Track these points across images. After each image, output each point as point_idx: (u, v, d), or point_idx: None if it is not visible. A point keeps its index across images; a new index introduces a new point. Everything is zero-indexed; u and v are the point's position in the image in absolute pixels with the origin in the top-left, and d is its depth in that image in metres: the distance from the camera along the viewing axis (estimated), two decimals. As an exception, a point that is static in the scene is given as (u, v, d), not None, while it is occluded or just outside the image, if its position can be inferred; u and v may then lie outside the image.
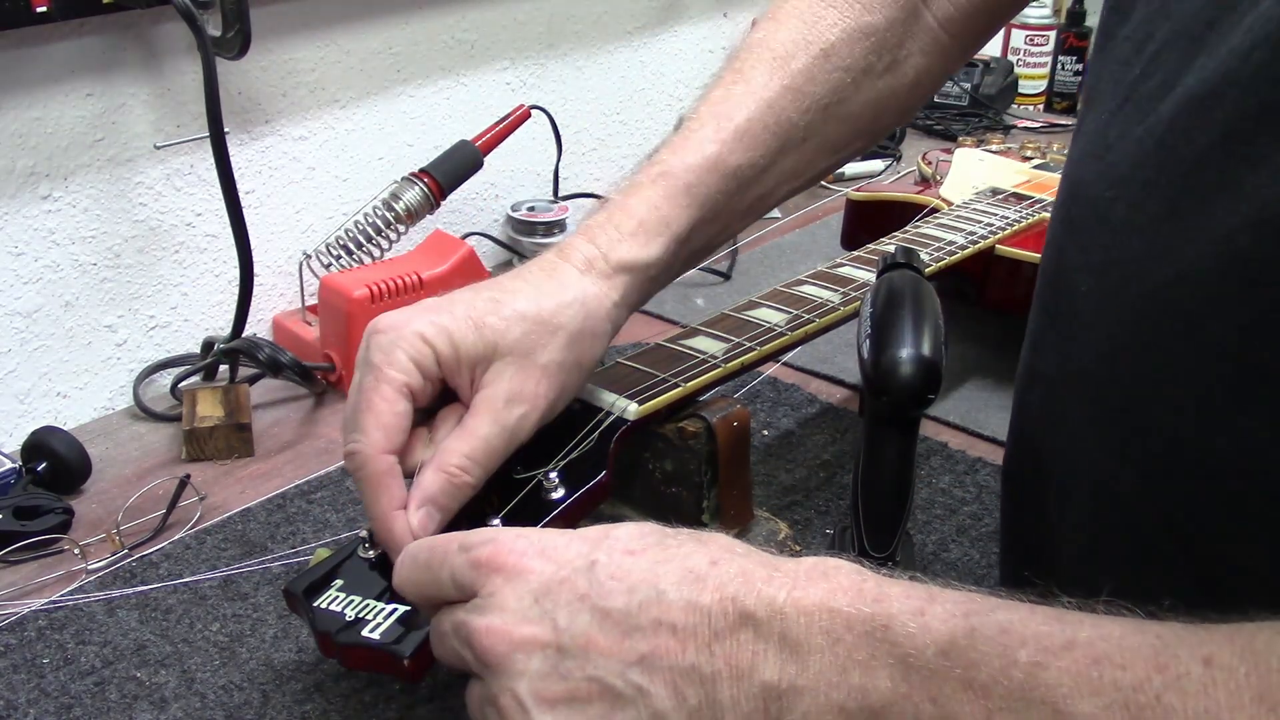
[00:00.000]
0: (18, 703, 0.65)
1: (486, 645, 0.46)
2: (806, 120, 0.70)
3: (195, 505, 0.83)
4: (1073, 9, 1.77)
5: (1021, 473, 0.65)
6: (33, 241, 0.93)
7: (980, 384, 1.01)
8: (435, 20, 1.18)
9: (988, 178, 1.16)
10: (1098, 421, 0.53)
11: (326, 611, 0.58)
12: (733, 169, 0.67)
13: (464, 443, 0.59)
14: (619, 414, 0.65)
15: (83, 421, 0.97)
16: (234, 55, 0.95)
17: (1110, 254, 0.52)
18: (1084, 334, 0.54)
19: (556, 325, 0.61)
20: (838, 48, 0.70)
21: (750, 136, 0.68)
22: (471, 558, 0.49)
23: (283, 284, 1.11)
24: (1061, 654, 0.38)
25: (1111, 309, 0.52)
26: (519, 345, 0.60)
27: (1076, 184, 0.57)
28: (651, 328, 1.09)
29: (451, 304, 0.61)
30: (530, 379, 0.60)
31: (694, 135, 0.68)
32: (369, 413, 0.58)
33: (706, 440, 0.68)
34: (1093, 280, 0.54)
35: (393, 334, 0.58)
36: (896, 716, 0.41)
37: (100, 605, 0.73)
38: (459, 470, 0.58)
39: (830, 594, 0.43)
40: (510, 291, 0.62)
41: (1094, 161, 0.55)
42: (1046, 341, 0.60)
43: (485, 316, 0.60)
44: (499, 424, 0.59)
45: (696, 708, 0.43)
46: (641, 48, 1.43)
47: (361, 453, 0.57)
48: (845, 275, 0.84)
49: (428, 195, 1.05)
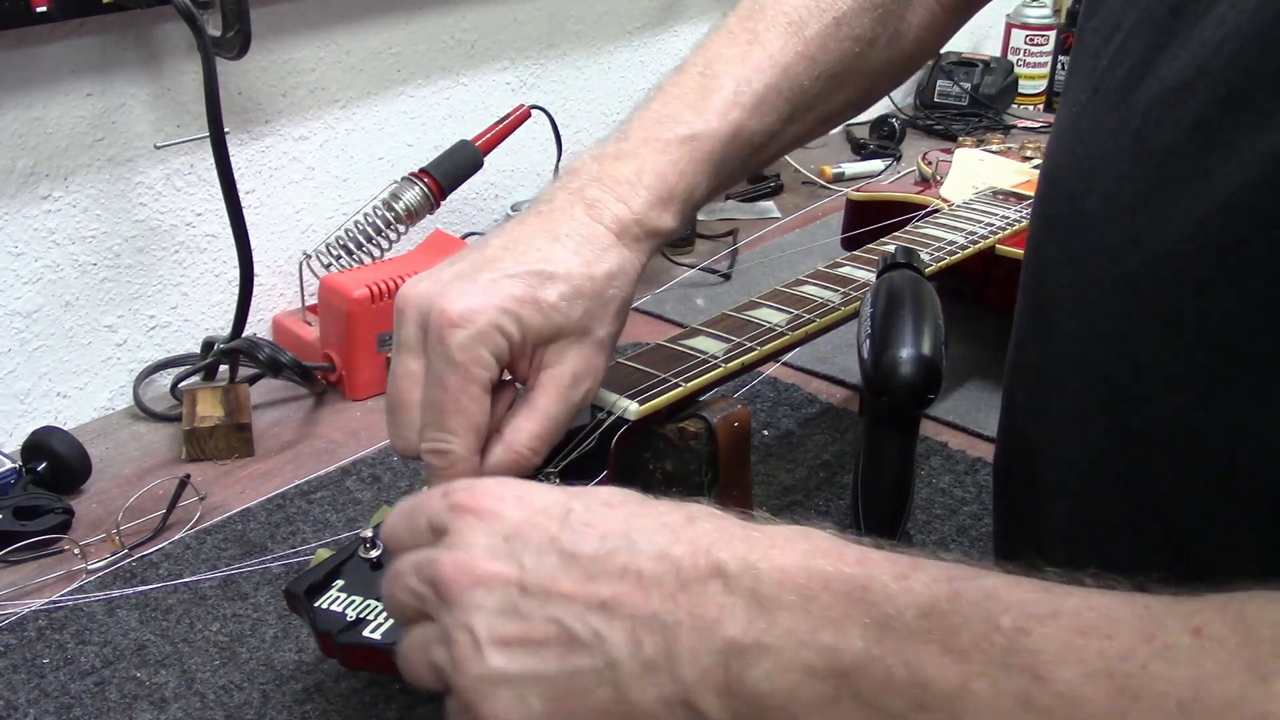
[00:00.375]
0: (18, 703, 0.65)
1: (448, 577, 0.45)
2: (817, 89, 0.69)
3: (195, 505, 0.83)
4: (1073, 9, 1.77)
5: (1011, 469, 0.65)
6: (33, 241, 0.93)
7: (980, 384, 1.01)
8: (435, 20, 1.18)
9: (988, 178, 1.16)
10: (1083, 410, 0.53)
11: (327, 612, 0.58)
12: (749, 136, 0.67)
13: (535, 423, 0.59)
14: (620, 414, 0.65)
15: (83, 421, 0.97)
16: (234, 55, 0.95)
17: (1087, 244, 0.52)
18: (1065, 324, 0.54)
19: (608, 299, 0.61)
20: (849, 16, 0.69)
21: (767, 103, 0.67)
22: (450, 501, 0.48)
23: (283, 284, 1.11)
24: (1046, 621, 0.37)
25: (1090, 298, 0.52)
26: (580, 324, 0.60)
27: (1052, 178, 0.57)
28: (652, 328, 1.09)
29: (508, 281, 0.58)
30: (592, 355, 0.60)
31: (715, 96, 0.66)
32: (460, 415, 0.57)
33: (707, 440, 0.68)
34: (1071, 271, 0.54)
35: (470, 328, 0.56)
36: (865, 679, 0.39)
37: (100, 605, 0.73)
38: (530, 451, 0.58)
39: (809, 554, 0.42)
40: (558, 262, 0.59)
41: (1067, 155, 0.55)
42: (1030, 334, 0.60)
43: (547, 296, 0.58)
44: (567, 402, 0.59)
45: (653, 659, 0.42)
46: (641, 48, 1.43)
47: (454, 453, 0.57)
48: (845, 275, 0.84)
49: (428, 195, 1.05)
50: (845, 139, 1.66)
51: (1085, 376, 0.53)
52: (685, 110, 0.66)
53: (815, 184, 1.49)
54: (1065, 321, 0.55)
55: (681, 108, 0.66)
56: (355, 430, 0.95)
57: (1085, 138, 0.54)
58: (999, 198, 1.09)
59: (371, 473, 0.87)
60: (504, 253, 0.60)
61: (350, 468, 0.88)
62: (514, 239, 0.61)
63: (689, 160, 0.64)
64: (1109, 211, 0.51)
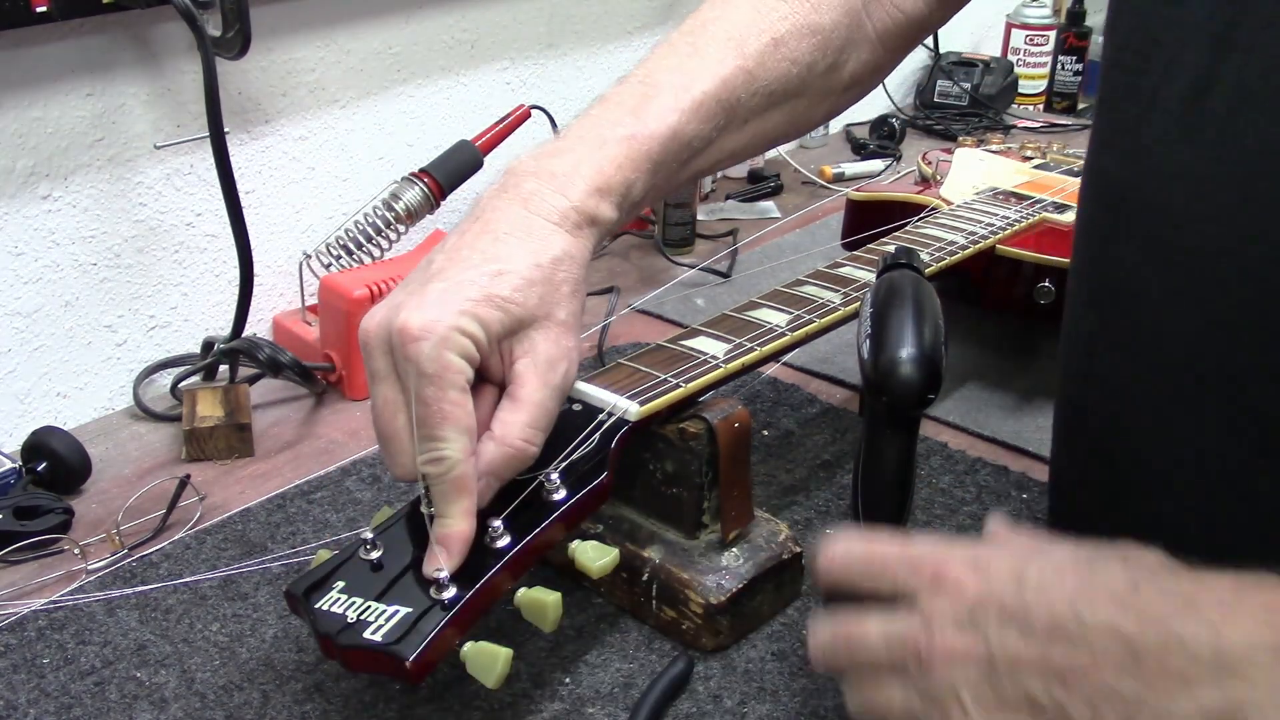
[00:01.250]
0: (18, 703, 0.65)
1: (929, 652, 0.48)
2: (753, 104, 0.72)
3: (195, 505, 0.83)
4: (1073, 9, 1.77)
5: (1086, 478, 0.67)
6: (33, 241, 0.93)
7: (980, 384, 1.01)
8: (435, 20, 1.18)
9: (988, 178, 1.16)
10: (1193, 407, 0.55)
11: (328, 613, 0.57)
12: (687, 140, 0.69)
13: (522, 413, 0.60)
14: (620, 415, 0.65)
15: (83, 421, 0.97)
16: (234, 55, 0.95)
17: (1177, 246, 0.55)
18: (1160, 326, 0.56)
19: (559, 281, 0.62)
20: (787, 40, 0.72)
21: (704, 110, 0.69)
22: (916, 567, 0.51)
23: (283, 284, 1.11)
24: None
25: (1196, 297, 0.54)
26: (539, 310, 0.61)
27: (1119, 188, 0.59)
28: (652, 328, 1.09)
29: (461, 287, 0.60)
30: (559, 336, 0.62)
31: (654, 101, 0.68)
32: (445, 421, 0.58)
33: (707, 441, 0.68)
34: (1162, 275, 0.56)
35: (432, 337, 0.58)
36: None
37: (100, 605, 0.73)
38: (524, 442, 0.60)
39: (1269, 609, 0.44)
40: (506, 260, 0.62)
41: (1134, 165, 0.57)
42: (1104, 342, 0.62)
43: (500, 291, 0.60)
44: (548, 386, 0.61)
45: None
46: (641, 48, 1.43)
47: (451, 457, 0.58)
48: (846, 275, 0.84)
49: (428, 195, 1.05)
50: (845, 139, 1.66)
51: (1196, 372, 0.55)
52: (624, 114, 0.68)
53: (815, 184, 1.49)
54: (1163, 323, 0.56)
55: (621, 113, 0.68)
56: (355, 430, 0.95)
57: (1154, 149, 0.56)
58: (999, 198, 1.09)
59: (371, 473, 0.87)
60: (449, 263, 0.62)
61: (350, 468, 0.88)
62: (456, 248, 0.63)
63: (626, 156, 0.66)
64: (1201, 213, 0.53)
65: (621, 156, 0.66)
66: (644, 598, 0.70)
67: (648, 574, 0.69)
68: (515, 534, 0.60)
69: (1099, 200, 0.62)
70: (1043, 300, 0.97)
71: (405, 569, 0.59)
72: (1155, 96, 0.56)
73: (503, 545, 0.59)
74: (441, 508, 0.59)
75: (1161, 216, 0.55)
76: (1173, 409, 0.57)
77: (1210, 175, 0.53)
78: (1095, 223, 0.62)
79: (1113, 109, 0.60)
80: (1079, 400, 0.66)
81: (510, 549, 0.59)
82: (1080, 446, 0.67)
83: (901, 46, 0.79)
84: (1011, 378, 1.02)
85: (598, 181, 0.65)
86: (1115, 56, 0.60)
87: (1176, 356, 0.56)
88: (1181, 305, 0.55)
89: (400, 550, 0.60)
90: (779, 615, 0.72)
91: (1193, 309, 0.55)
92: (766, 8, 0.73)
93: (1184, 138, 0.54)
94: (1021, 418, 0.95)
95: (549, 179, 0.65)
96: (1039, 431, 0.93)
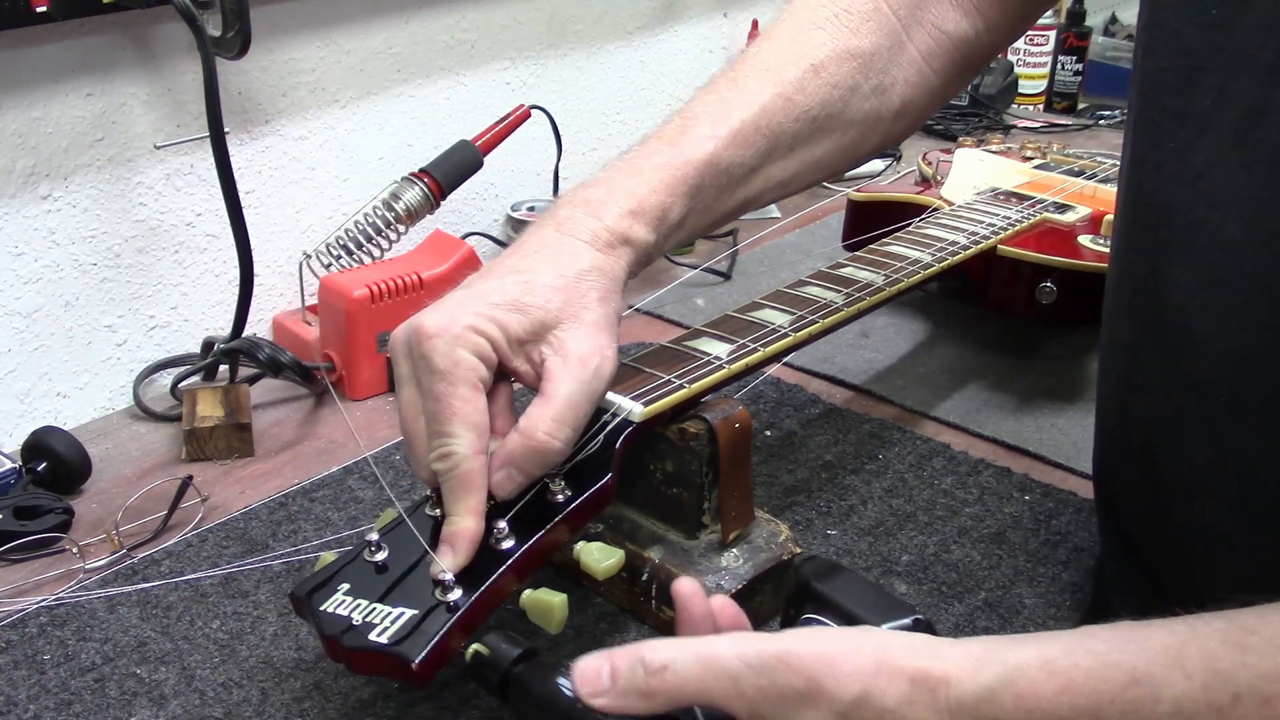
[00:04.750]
0: (18, 699, 0.65)
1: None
2: (795, 129, 0.72)
3: (197, 506, 0.83)
4: (1073, 9, 1.77)
5: (1129, 486, 0.67)
6: (33, 241, 0.93)
7: (981, 385, 1.01)
8: (435, 20, 1.17)
9: (988, 178, 1.16)
10: (1240, 415, 0.56)
11: (333, 615, 0.57)
12: (725, 167, 0.69)
13: (549, 407, 0.60)
14: (624, 416, 0.65)
15: (83, 421, 0.97)
16: (234, 55, 0.95)
17: (1227, 269, 0.56)
18: (1205, 343, 0.57)
19: (585, 289, 0.63)
20: (826, 64, 0.73)
21: (743, 137, 0.70)
22: None
23: (283, 284, 1.11)
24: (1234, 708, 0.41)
25: (1240, 318, 0.55)
26: (564, 312, 0.62)
27: (1165, 209, 0.59)
28: (653, 329, 1.09)
29: (483, 295, 0.61)
30: (592, 334, 0.62)
31: (691, 131, 0.69)
32: (454, 416, 0.59)
33: (708, 441, 0.68)
34: (1209, 295, 0.57)
35: (445, 335, 0.59)
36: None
37: (101, 602, 0.73)
38: (548, 435, 0.60)
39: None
40: (531, 270, 0.63)
41: (1183, 187, 0.58)
42: (1148, 353, 0.62)
43: (522, 298, 0.61)
44: (577, 380, 0.61)
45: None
46: (641, 48, 1.43)
47: (458, 453, 0.59)
48: (848, 276, 0.84)
49: (428, 195, 1.05)
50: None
51: (1240, 389, 0.56)
52: (661, 145, 0.69)
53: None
54: (1209, 340, 0.57)
55: (658, 144, 0.69)
56: (355, 430, 0.94)
57: (1206, 172, 0.57)
58: (1000, 198, 1.09)
59: (373, 472, 0.87)
60: (478, 279, 0.63)
61: (353, 467, 0.88)
62: (489, 267, 0.64)
63: (661, 181, 0.67)
64: (1255, 238, 0.54)
65: (656, 181, 0.67)
66: (644, 598, 0.70)
67: (648, 574, 0.69)
68: (520, 535, 0.59)
69: (1140, 218, 0.63)
70: (1044, 300, 0.97)
71: (410, 570, 0.59)
72: (1207, 122, 0.56)
73: (508, 547, 0.59)
74: (448, 505, 0.59)
75: (1211, 240, 0.56)
76: (1216, 420, 0.58)
77: (1265, 201, 0.54)
78: (1137, 238, 0.63)
79: (1156, 129, 0.60)
80: (1122, 406, 0.67)
81: (515, 550, 0.59)
82: (1123, 450, 0.68)
83: (950, 69, 0.78)
84: (1012, 378, 1.02)
85: (631, 205, 0.66)
86: (1156, 77, 0.60)
87: (1221, 372, 0.57)
88: (1230, 325, 0.56)
89: (405, 552, 0.60)
90: (779, 616, 0.72)
91: (1238, 329, 0.56)
92: (803, 37, 0.73)
93: (1240, 165, 0.55)
94: (1022, 418, 0.95)
95: (583, 205, 0.66)
96: (1039, 432, 0.93)
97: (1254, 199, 0.54)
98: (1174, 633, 0.44)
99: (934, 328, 1.11)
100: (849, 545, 0.79)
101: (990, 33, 0.78)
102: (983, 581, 0.76)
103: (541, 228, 0.66)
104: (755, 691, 0.47)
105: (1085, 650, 0.45)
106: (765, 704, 0.47)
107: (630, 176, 0.67)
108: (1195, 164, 0.57)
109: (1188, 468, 0.61)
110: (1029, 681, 0.44)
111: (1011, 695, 0.44)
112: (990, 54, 0.81)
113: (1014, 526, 0.81)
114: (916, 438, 0.92)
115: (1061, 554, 0.78)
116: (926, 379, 1.02)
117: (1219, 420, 0.58)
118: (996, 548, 0.79)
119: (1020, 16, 0.79)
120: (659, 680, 0.49)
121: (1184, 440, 0.60)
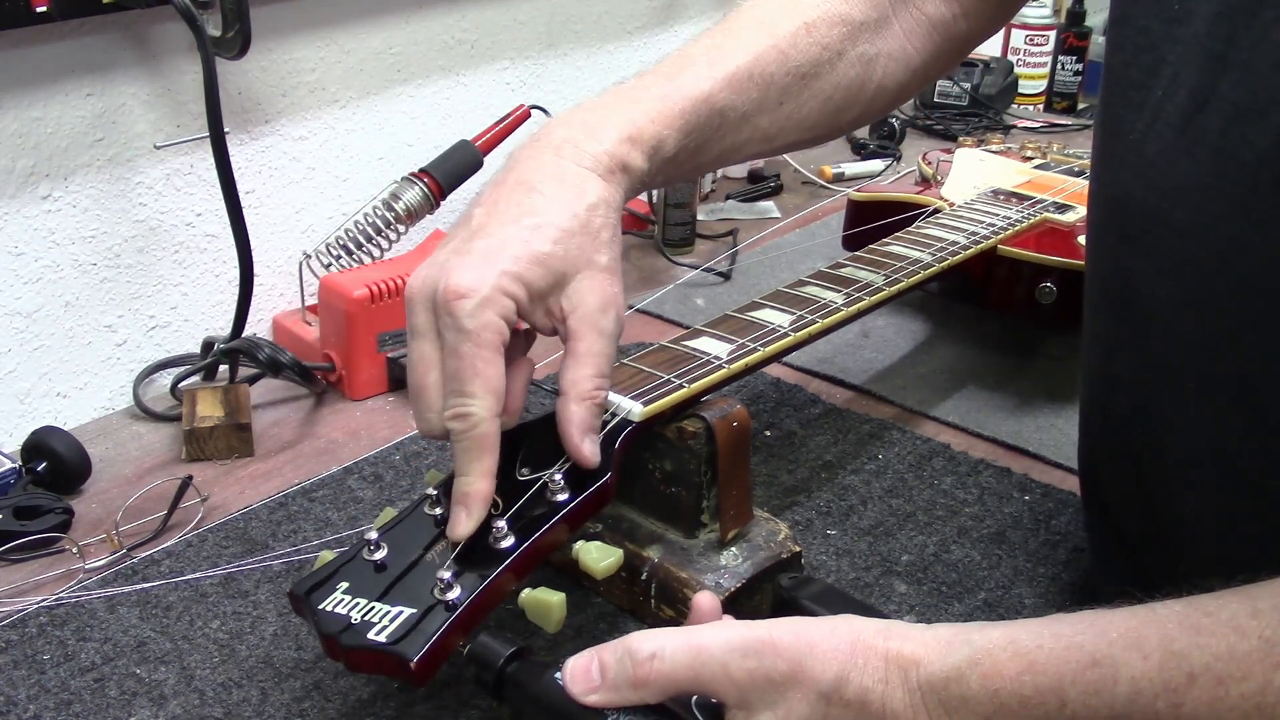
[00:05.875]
0: (18, 698, 0.65)
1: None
2: (786, 83, 0.73)
3: (196, 506, 0.83)
4: (1073, 9, 1.77)
5: (1113, 477, 0.68)
6: (33, 241, 0.93)
7: (981, 385, 1.01)
8: (435, 20, 1.18)
9: (988, 178, 1.16)
10: (1209, 406, 0.57)
11: (331, 614, 0.57)
12: (720, 108, 0.70)
13: (587, 365, 0.61)
14: (624, 415, 0.65)
15: (83, 421, 0.97)
16: (234, 55, 0.95)
17: (1181, 256, 0.56)
18: (1174, 330, 0.58)
19: (597, 229, 0.63)
20: (818, 24, 0.74)
21: (737, 82, 0.71)
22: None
23: (283, 284, 1.11)
24: (1189, 688, 0.43)
25: (1200, 303, 0.56)
26: (579, 260, 0.62)
27: (1124, 200, 0.60)
28: (652, 328, 1.09)
29: (505, 245, 0.60)
30: (605, 283, 0.63)
31: (687, 70, 0.70)
32: (477, 378, 0.59)
33: (706, 440, 0.68)
34: (1168, 283, 0.57)
35: (475, 296, 0.59)
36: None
37: (101, 602, 0.73)
38: (596, 391, 0.61)
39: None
40: (540, 210, 0.62)
41: (1138, 177, 0.58)
42: (1122, 346, 0.63)
43: (541, 247, 0.61)
44: (604, 334, 0.62)
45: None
46: (641, 48, 1.43)
47: (476, 414, 0.59)
48: (848, 276, 0.84)
49: (428, 195, 1.05)
50: (845, 139, 1.66)
51: (1208, 375, 0.57)
52: (658, 79, 0.69)
53: (815, 184, 1.49)
54: (1173, 328, 0.58)
55: (654, 78, 0.70)
56: (355, 430, 0.95)
57: (1156, 161, 0.57)
58: (1000, 198, 1.09)
59: (374, 471, 0.87)
60: (489, 219, 0.62)
61: (353, 467, 0.88)
62: (494, 202, 0.63)
63: (658, 111, 0.67)
64: (1199, 222, 0.55)
65: (654, 111, 0.67)
66: (643, 597, 0.70)
67: (647, 573, 0.69)
68: (519, 535, 0.59)
69: (1106, 209, 0.63)
70: (1044, 300, 0.97)
71: (409, 569, 0.59)
72: (1158, 111, 0.57)
73: (507, 546, 0.59)
74: (462, 466, 0.59)
75: (1165, 227, 0.57)
76: (1189, 408, 0.58)
77: (1209, 187, 0.54)
78: (1105, 231, 0.64)
79: (1118, 121, 0.61)
80: (1101, 398, 0.68)
81: (514, 550, 0.59)
82: (1104, 442, 0.69)
83: (930, 50, 0.79)
84: (1012, 378, 1.02)
85: (629, 130, 0.66)
86: (1121, 72, 0.61)
87: (1188, 360, 0.57)
88: (1189, 312, 0.57)
89: (404, 551, 0.60)
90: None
91: (1199, 316, 0.56)
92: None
93: (1184, 151, 0.55)
94: (1022, 418, 0.95)
95: (580, 127, 0.66)
96: (1039, 432, 0.93)
97: (1199, 184, 0.55)
98: (1135, 615, 0.46)
99: (934, 328, 1.11)
100: (849, 545, 0.79)
101: (968, 18, 0.80)
102: (982, 581, 0.76)
103: (539, 150, 0.65)
104: (744, 675, 0.49)
105: (1050, 633, 0.47)
106: (753, 688, 0.49)
107: (629, 105, 0.67)
108: (1148, 153, 0.58)
109: (1167, 458, 0.61)
110: (994, 662, 0.47)
111: (978, 675, 0.47)
112: (969, 41, 0.83)
113: (1014, 526, 0.81)
114: (916, 438, 0.92)
115: (1061, 554, 0.78)
116: (926, 379, 1.02)
117: (1192, 409, 0.58)
118: (996, 548, 0.79)
119: (997, 5, 0.81)
120: (647, 669, 0.50)
121: (1161, 430, 0.61)
